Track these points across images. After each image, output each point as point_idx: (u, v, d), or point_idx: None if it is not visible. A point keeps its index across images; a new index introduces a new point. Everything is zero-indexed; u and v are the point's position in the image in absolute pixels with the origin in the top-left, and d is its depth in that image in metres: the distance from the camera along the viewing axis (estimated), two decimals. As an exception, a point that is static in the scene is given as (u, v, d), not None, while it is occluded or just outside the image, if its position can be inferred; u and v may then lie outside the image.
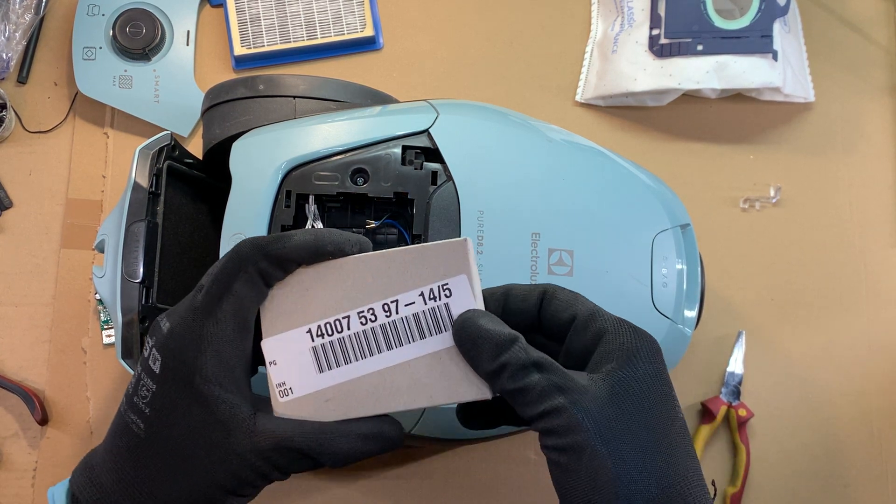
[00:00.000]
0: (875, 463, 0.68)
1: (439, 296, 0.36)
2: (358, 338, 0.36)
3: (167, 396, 0.35)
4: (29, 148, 0.71)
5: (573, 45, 0.75)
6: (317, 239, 0.36)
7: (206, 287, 0.36)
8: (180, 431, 0.35)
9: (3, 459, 0.67)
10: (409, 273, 0.36)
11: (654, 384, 0.34)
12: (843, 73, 0.74)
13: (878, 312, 0.71)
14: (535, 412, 0.33)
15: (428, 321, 0.36)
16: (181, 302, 0.37)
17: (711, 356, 0.69)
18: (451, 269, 0.36)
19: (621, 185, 0.56)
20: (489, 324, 0.34)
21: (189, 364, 0.35)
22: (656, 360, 0.35)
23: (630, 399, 0.33)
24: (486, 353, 0.34)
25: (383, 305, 0.36)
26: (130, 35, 0.70)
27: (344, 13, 0.73)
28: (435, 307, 0.36)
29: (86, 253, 0.69)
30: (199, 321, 0.35)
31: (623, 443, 0.32)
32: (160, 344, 0.36)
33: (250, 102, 0.57)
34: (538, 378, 0.33)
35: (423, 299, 0.36)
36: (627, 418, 0.32)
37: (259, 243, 0.36)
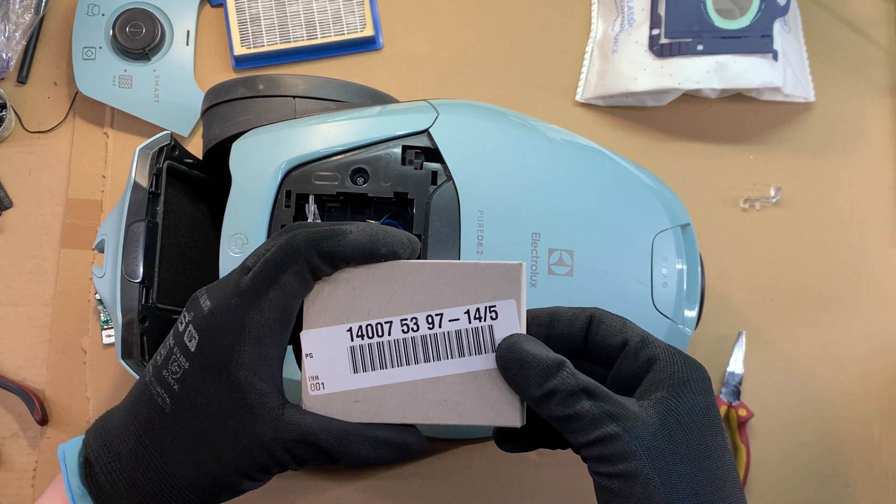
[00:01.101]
0: (875, 463, 0.68)
1: (485, 316, 0.35)
2: (397, 344, 0.36)
3: (200, 376, 0.35)
4: (29, 148, 0.71)
5: (573, 45, 0.75)
6: (372, 240, 0.35)
7: (253, 271, 0.35)
8: (207, 412, 0.35)
9: (3, 459, 0.67)
10: (459, 288, 0.36)
11: (705, 415, 0.34)
12: (843, 73, 0.74)
13: (878, 312, 0.71)
14: (587, 440, 0.33)
15: (470, 340, 0.36)
16: (224, 279, 0.37)
17: (711, 356, 0.69)
18: (501, 292, 0.35)
19: (621, 185, 0.56)
20: (536, 348, 0.34)
21: (227, 348, 0.35)
22: (707, 390, 0.34)
23: (682, 429, 0.33)
24: (532, 378, 0.34)
25: (427, 317, 0.36)
26: (130, 35, 0.70)
27: (344, 13, 0.73)
28: (479, 327, 0.36)
29: (86, 253, 0.69)
30: (243, 307, 0.35)
31: (675, 472, 0.32)
32: (199, 323, 0.35)
33: (250, 102, 0.57)
34: (589, 405, 0.33)
35: (468, 317, 0.36)
36: (679, 448, 0.32)
37: (314, 237, 0.35)
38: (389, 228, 0.36)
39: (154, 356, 0.37)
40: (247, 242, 0.52)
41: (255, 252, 0.36)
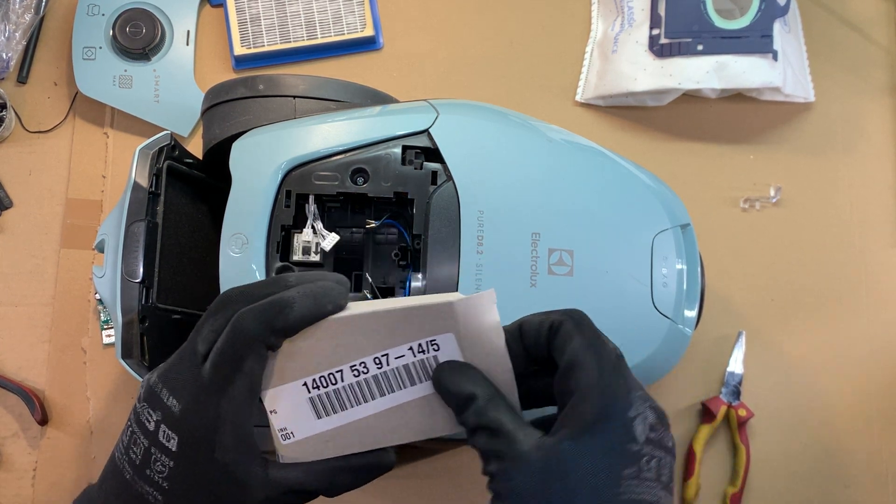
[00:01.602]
0: (875, 463, 0.68)
1: (428, 349, 0.38)
2: (352, 388, 0.38)
3: (187, 470, 0.36)
4: (29, 148, 0.71)
5: (573, 45, 0.75)
6: (316, 304, 0.36)
7: (212, 363, 0.36)
8: (200, 498, 0.37)
9: (3, 459, 0.67)
10: (400, 332, 0.38)
11: (598, 462, 0.32)
12: (843, 73, 0.74)
13: (878, 312, 0.71)
14: (483, 471, 0.36)
15: (418, 370, 0.38)
16: (177, 367, 0.37)
17: (711, 356, 0.69)
18: (439, 329, 0.37)
19: (621, 185, 0.56)
20: (452, 380, 0.36)
21: (208, 441, 0.36)
22: (620, 437, 0.33)
23: (564, 473, 0.32)
24: (452, 407, 0.37)
25: (374, 359, 0.38)
26: (130, 35, 0.70)
27: (344, 13, 0.73)
28: (424, 359, 0.38)
29: (86, 253, 0.69)
30: (213, 400, 0.36)
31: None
32: (173, 424, 0.36)
33: (250, 102, 0.57)
34: (483, 442, 0.35)
35: (412, 352, 0.38)
36: (553, 493, 0.32)
37: (264, 319, 0.36)
38: (324, 281, 0.37)
39: (121, 450, 0.38)
40: (247, 242, 0.52)
41: (203, 335, 0.37)
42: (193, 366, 0.37)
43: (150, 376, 0.38)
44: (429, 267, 0.52)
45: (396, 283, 0.56)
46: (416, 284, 0.53)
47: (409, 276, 0.54)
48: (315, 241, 0.54)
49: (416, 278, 0.53)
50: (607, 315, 0.53)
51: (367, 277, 0.56)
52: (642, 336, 0.54)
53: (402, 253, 0.56)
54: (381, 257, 0.57)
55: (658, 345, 0.54)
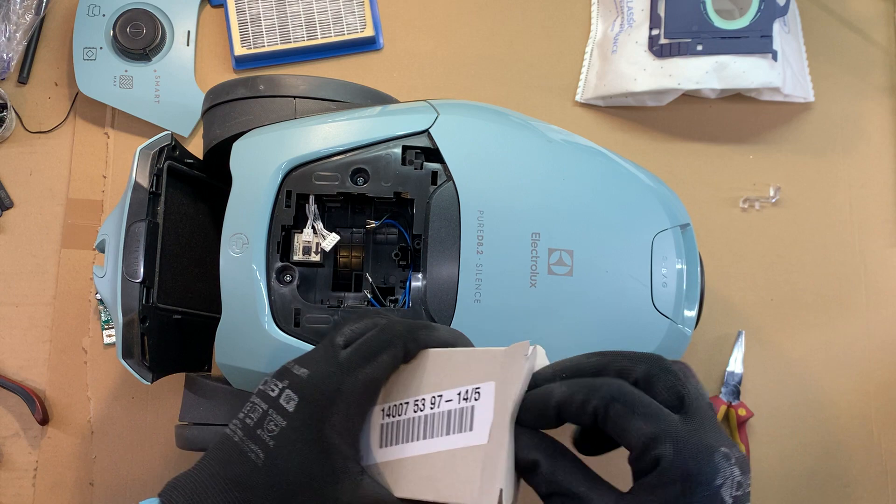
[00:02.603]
0: (875, 463, 0.68)
1: (470, 397, 0.37)
2: (407, 423, 0.39)
3: (295, 432, 0.38)
4: (29, 148, 0.72)
5: (573, 45, 0.75)
6: (454, 339, 0.40)
7: (353, 347, 0.39)
8: (296, 469, 0.37)
9: (4, 459, 0.67)
10: (460, 372, 0.38)
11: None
12: (843, 74, 0.75)
13: (878, 312, 0.71)
14: None
15: (455, 419, 0.37)
16: (314, 353, 0.40)
17: (711, 356, 0.69)
18: (486, 375, 0.37)
19: (621, 185, 0.56)
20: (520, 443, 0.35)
21: (323, 411, 0.38)
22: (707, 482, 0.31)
23: None
24: (518, 471, 0.35)
25: (432, 398, 0.38)
26: (131, 35, 0.70)
27: (344, 13, 0.73)
28: (464, 407, 0.37)
29: (86, 253, 0.70)
30: (339, 376, 0.38)
31: None
32: (297, 387, 0.39)
33: (251, 103, 0.57)
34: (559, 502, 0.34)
35: (458, 398, 0.37)
36: None
37: (413, 327, 0.40)
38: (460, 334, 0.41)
39: (239, 420, 0.40)
40: (247, 242, 0.52)
41: (344, 331, 0.40)
42: (330, 350, 0.39)
43: (284, 365, 0.40)
44: (429, 267, 0.52)
45: (396, 283, 0.56)
46: (416, 284, 0.53)
47: (409, 276, 0.54)
48: (315, 241, 0.54)
49: (416, 278, 0.53)
50: (607, 315, 0.53)
51: (367, 277, 0.56)
52: (642, 336, 0.54)
53: (402, 253, 0.56)
54: (381, 257, 0.57)
55: (658, 345, 0.54)
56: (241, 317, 0.51)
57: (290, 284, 0.52)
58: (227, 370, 0.53)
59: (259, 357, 0.51)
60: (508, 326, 0.52)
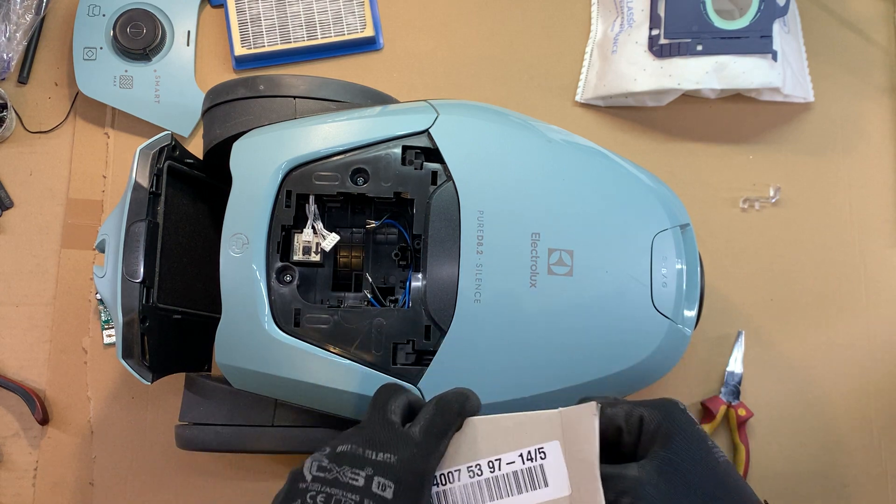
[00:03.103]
0: (875, 463, 0.68)
1: (535, 457, 0.41)
2: (466, 488, 0.42)
3: None
4: (29, 148, 0.72)
5: (573, 45, 0.75)
6: (479, 405, 0.43)
7: (424, 429, 0.41)
8: None
9: (4, 459, 0.67)
10: (511, 438, 0.41)
11: (693, 449, 0.39)
12: (842, 74, 0.75)
13: (878, 312, 0.71)
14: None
15: (524, 478, 0.41)
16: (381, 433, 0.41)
17: (711, 356, 0.69)
18: (546, 436, 0.41)
19: (621, 185, 0.56)
20: None
21: (419, 494, 0.40)
22: (687, 424, 0.40)
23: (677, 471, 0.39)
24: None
25: (489, 462, 0.41)
26: (131, 35, 0.70)
27: (344, 13, 0.73)
28: (532, 467, 0.41)
29: (86, 253, 0.70)
30: (424, 458, 0.40)
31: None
32: (390, 473, 0.39)
33: (251, 103, 0.57)
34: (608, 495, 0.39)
35: (521, 459, 0.41)
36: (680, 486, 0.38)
37: (460, 401, 0.42)
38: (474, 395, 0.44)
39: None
40: (247, 242, 0.52)
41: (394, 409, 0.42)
42: (397, 431, 0.41)
43: (323, 454, 0.41)
44: (429, 267, 0.52)
45: (396, 283, 0.56)
46: (416, 284, 0.53)
47: (409, 276, 0.54)
48: (315, 241, 0.54)
49: (416, 278, 0.53)
50: (607, 315, 0.53)
51: (367, 277, 0.56)
52: (642, 336, 0.54)
53: (402, 253, 0.56)
54: (381, 257, 0.57)
55: (658, 345, 0.54)
56: (241, 317, 0.51)
57: (290, 284, 0.52)
58: (227, 370, 0.53)
59: (259, 357, 0.51)
60: (508, 326, 0.52)
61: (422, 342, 0.51)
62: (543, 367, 0.52)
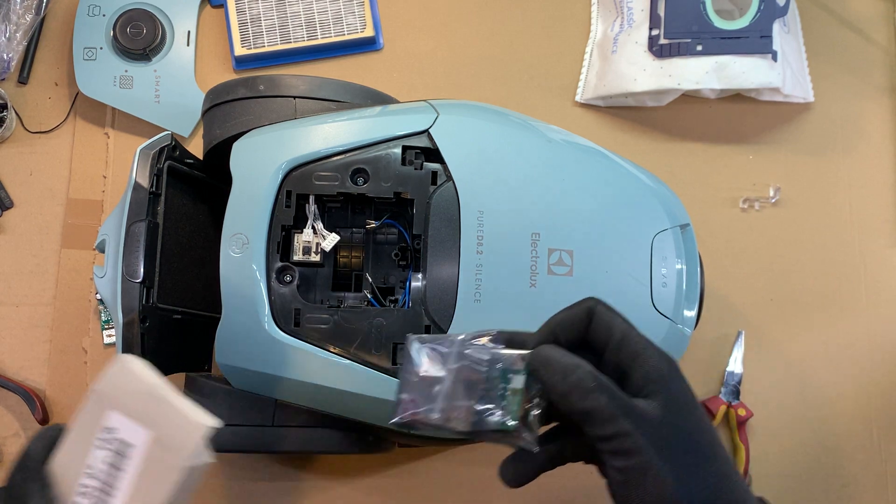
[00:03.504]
0: (875, 463, 0.68)
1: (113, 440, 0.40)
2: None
3: None
4: (30, 148, 0.72)
5: (573, 46, 0.75)
6: None
7: None
8: None
9: (5, 459, 0.67)
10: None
11: (688, 399, 0.38)
12: (842, 74, 0.75)
13: (878, 312, 0.71)
14: (603, 433, 0.36)
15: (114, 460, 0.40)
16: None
17: (711, 356, 0.69)
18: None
19: (621, 185, 0.56)
20: (558, 352, 0.38)
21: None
22: (681, 376, 0.39)
23: (679, 417, 0.37)
24: (556, 376, 0.37)
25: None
26: (131, 35, 0.70)
27: (344, 14, 0.73)
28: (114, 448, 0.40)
29: (86, 253, 0.70)
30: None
31: (679, 457, 0.36)
32: None
33: (251, 103, 0.57)
34: (605, 401, 0.36)
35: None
36: (679, 434, 0.37)
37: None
38: None
39: None
40: (247, 242, 0.52)
41: None
42: None
43: None
44: (429, 267, 0.52)
45: (396, 283, 0.56)
46: (416, 284, 0.53)
47: (409, 276, 0.54)
48: (315, 241, 0.54)
49: (416, 278, 0.53)
50: (607, 315, 0.53)
51: (367, 277, 0.56)
52: (642, 336, 0.54)
53: (402, 253, 0.56)
54: (381, 257, 0.57)
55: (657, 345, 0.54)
56: (241, 317, 0.51)
57: (290, 284, 0.52)
58: (227, 370, 0.53)
59: (259, 357, 0.51)
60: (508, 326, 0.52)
61: (422, 342, 0.51)
62: (543, 367, 0.52)
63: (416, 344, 0.40)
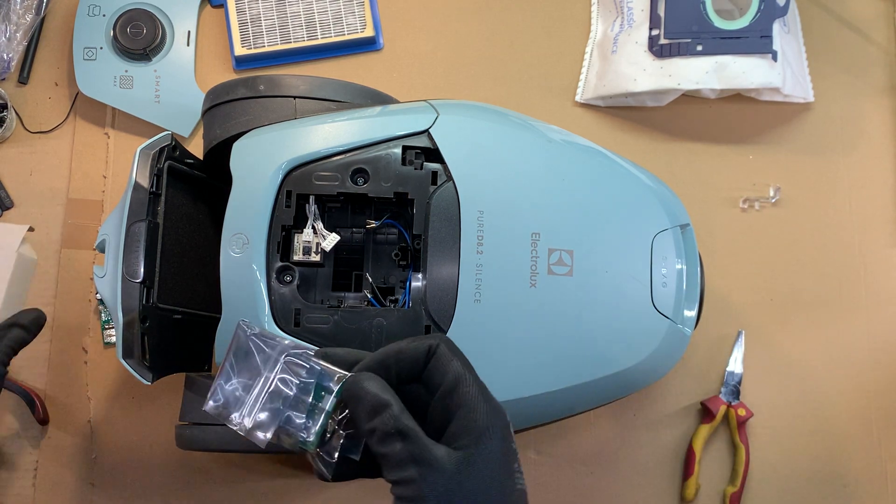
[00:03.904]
0: (875, 463, 0.68)
1: None
2: None
3: None
4: (30, 148, 0.72)
5: (573, 46, 0.75)
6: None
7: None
8: None
9: (5, 459, 0.67)
10: None
11: (498, 461, 0.37)
12: (842, 74, 0.75)
13: (878, 312, 0.71)
14: (392, 478, 0.37)
15: None
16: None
17: (711, 356, 0.69)
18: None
19: (621, 185, 0.56)
20: (371, 386, 0.37)
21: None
22: (504, 437, 0.38)
23: (474, 476, 0.36)
24: (362, 414, 0.37)
25: None
26: (131, 35, 0.70)
27: (344, 14, 0.73)
28: None
29: (86, 253, 0.70)
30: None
31: None
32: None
33: (251, 103, 0.57)
34: (399, 448, 0.36)
35: None
36: (467, 494, 0.36)
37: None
38: None
39: None
40: (247, 242, 0.52)
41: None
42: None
43: None
44: (429, 267, 0.52)
45: (396, 283, 0.56)
46: (416, 284, 0.53)
47: (409, 276, 0.54)
48: (315, 241, 0.54)
49: (416, 278, 0.53)
50: (607, 315, 0.53)
51: (367, 277, 0.56)
52: (642, 336, 0.54)
53: (402, 253, 0.56)
54: (381, 257, 0.57)
55: (658, 345, 0.54)
56: (242, 317, 0.51)
57: (290, 284, 0.52)
58: (227, 370, 0.53)
59: (259, 357, 0.51)
60: (508, 326, 0.52)
61: (422, 342, 0.51)
62: (543, 367, 0.52)
63: (246, 330, 0.39)
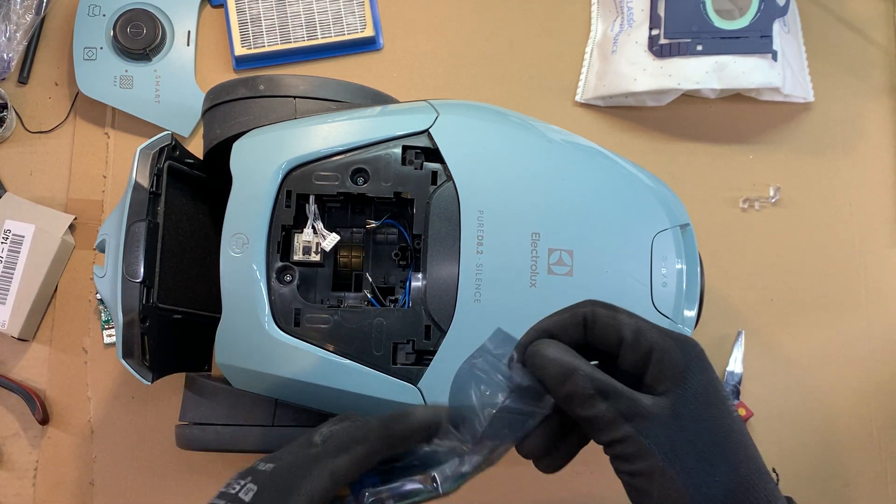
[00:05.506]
0: (875, 463, 0.68)
1: None
2: None
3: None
4: (30, 148, 0.72)
5: (573, 46, 0.75)
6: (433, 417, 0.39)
7: (325, 441, 0.39)
8: None
9: (4, 459, 0.67)
10: None
11: (709, 394, 0.35)
12: (842, 74, 0.75)
13: (878, 312, 0.71)
14: (606, 440, 0.35)
15: None
16: (287, 449, 0.39)
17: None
18: None
19: (621, 185, 0.56)
20: (554, 352, 0.36)
21: (282, 499, 0.37)
22: (704, 367, 0.36)
23: (690, 416, 0.35)
24: (552, 382, 0.36)
25: None
26: (131, 35, 0.70)
27: (344, 13, 0.73)
28: None
29: (86, 253, 0.70)
30: (306, 467, 0.37)
31: (688, 459, 0.34)
32: (258, 478, 0.37)
33: (251, 103, 0.57)
34: (604, 407, 0.34)
35: None
36: (690, 435, 0.34)
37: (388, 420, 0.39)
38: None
39: None
40: (247, 242, 0.52)
41: (322, 430, 0.40)
42: (305, 446, 0.39)
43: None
44: (429, 267, 0.52)
45: (396, 283, 0.56)
46: (416, 284, 0.53)
47: (409, 276, 0.54)
48: (315, 241, 0.54)
49: (416, 278, 0.53)
50: (607, 315, 0.53)
51: (367, 277, 0.56)
52: (642, 336, 0.54)
53: (402, 253, 0.56)
54: (381, 257, 0.57)
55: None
56: (242, 317, 0.51)
57: (290, 284, 0.52)
58: (227, 370, 0.53)
59: (259, 357, 0.51)
60: (508, 326, 0.52)
61: (422, 342, 0.51)
62: (543, 367, 0.52)
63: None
